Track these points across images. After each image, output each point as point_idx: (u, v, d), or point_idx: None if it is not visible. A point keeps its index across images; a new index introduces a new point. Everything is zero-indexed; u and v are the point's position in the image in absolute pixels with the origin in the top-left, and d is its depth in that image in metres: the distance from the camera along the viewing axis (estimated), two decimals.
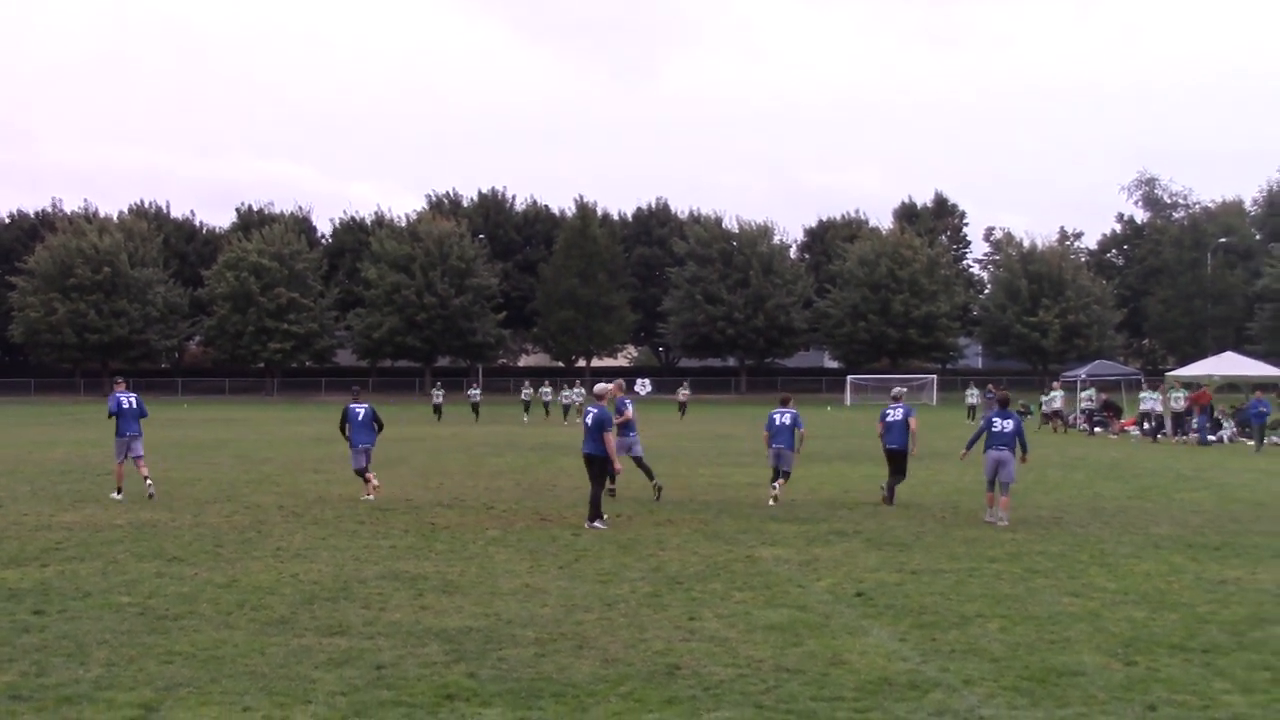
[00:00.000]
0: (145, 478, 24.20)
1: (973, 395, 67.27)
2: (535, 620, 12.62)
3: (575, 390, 62.19)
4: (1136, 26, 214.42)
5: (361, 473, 24.56)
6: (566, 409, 59.88)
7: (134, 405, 24.75)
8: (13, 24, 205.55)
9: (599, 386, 21.40)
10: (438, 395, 63.70)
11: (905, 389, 26.28)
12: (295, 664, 10.77)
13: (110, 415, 24.71)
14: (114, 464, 24.85)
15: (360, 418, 24.63)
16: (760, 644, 11.61)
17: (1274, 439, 43.54)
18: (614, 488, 23.45)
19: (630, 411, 24.73)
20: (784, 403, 24.89)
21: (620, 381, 22.29)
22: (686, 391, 72.31)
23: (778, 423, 24.13)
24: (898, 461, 24.08)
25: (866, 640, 11.83)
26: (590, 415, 20.21)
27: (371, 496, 24.13)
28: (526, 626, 12.31)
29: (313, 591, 14.16)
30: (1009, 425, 21.52)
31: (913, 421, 23.67)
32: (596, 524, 19.87)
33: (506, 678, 10.34)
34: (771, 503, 23.41)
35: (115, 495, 23.98)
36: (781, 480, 24.04)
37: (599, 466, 20.09)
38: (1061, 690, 10.06)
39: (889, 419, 23.90)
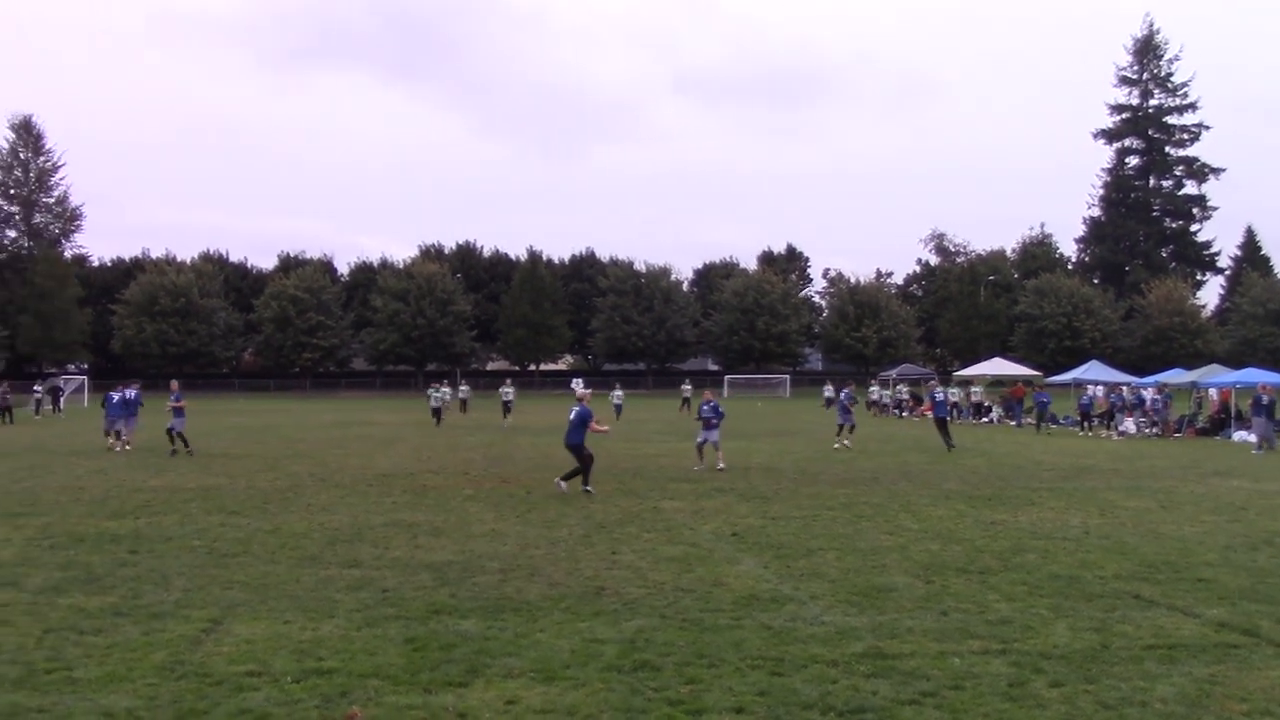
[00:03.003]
0: (126, 443, 28.48)
1: (828, 390, 65.49)
2: (499, 555, 12.56)
3: (447, 389, 47.48)
4: (930, 122, 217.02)
5: (117, 434, 28.22)
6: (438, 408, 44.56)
7: (132, 397, 29.17)
8: (104, 117, 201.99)
9: (580, 391, 20.62)
10: (437, 398, 45.66)
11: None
12: (323, 589, 10.67)
13: (102, 404, 29.55)
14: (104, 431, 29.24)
15: (115, 400, 29.00)
16: (663, 571, 11.61)
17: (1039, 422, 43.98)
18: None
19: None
20: (707, 401, 24.02)
21: (588, 391, 20.85)
22: (689, 388, 57.71)
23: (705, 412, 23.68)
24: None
25: (740, 568, 11.86)
26: (573, 412, 18.97)
27: (126, 449, 28.02)
28: (493, 560, 12.26)
29: (335, 536, 14.04)
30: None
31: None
32: (562, 484, 18.83)
33: (478, 597, 10.29)
34: (721, 467, 23.00)
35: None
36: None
37: (577, 452, 18.81)
38: (880, 602, 10.14)
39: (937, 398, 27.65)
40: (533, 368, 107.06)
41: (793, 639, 8.74)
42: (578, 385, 59.10)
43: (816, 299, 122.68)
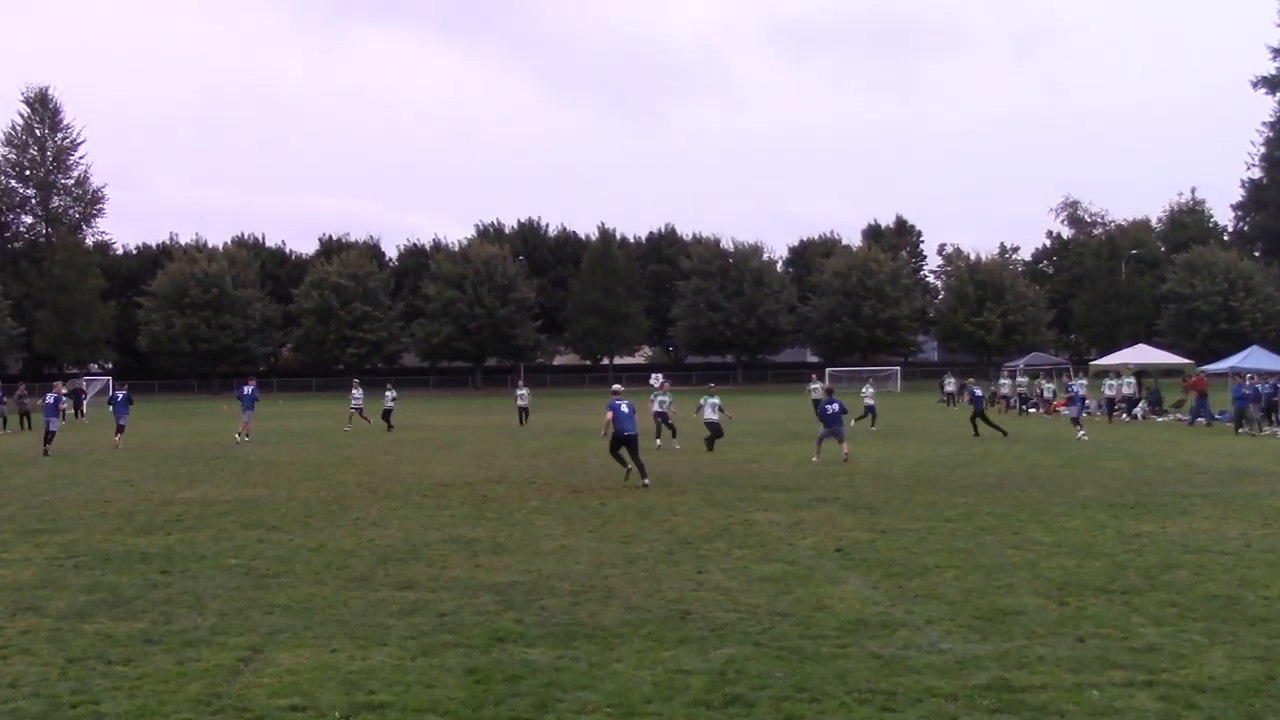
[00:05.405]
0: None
1: (950, 384, 63.62)
2: (570, 575, 12.65)
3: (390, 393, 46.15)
4: (1059, 75, 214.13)
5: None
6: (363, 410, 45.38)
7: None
8: (129, 88, 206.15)
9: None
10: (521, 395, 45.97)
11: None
12: (373, 613, 10.82)
13: (108, 403, 36.17)
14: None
15: (246, 393, 36.76)
16: (757, 592, 11.61)
17: (1178, 415, 43.37)
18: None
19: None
20: (829, 393, 28.15)
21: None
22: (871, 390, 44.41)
23: (830, 411, 26.48)
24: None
25: (845, 588, 11.82)
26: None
27: (246, 439, 34.54)
28: (563, 580, 12.34)
29: (386, 553, 14.22)
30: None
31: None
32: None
33: (547, 623, 10.37)
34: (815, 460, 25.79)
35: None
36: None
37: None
38: (1007, 627, 10.05)
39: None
40: (605, 361, 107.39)
41: (906, 669, 8.70)
42: (656, 379, 58.90)
43: (931, 279, 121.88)
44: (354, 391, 46.38)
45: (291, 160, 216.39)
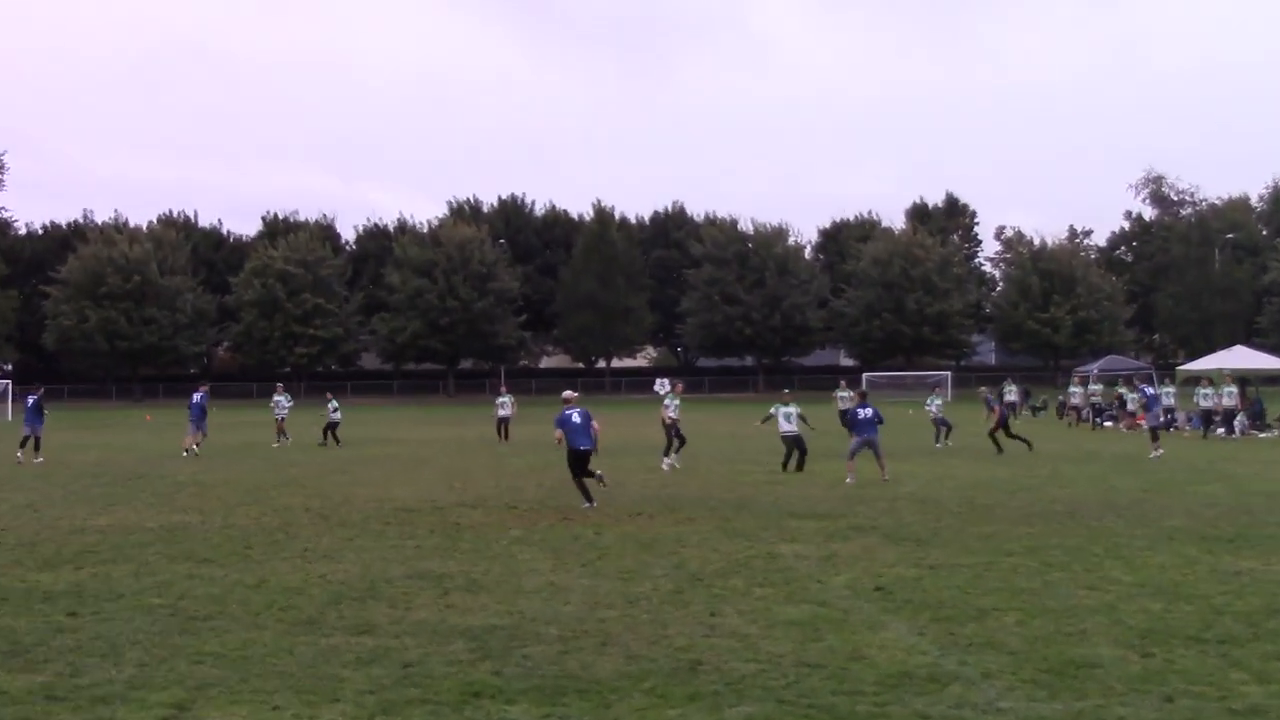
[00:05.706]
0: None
1: (1011, 392, 62.36)
2: (559, 618, 12.59)
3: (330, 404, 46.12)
4: (1138, 28, 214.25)
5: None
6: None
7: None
8: (36, 39, 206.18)
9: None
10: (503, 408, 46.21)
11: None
12: (323, 663, 10.76)
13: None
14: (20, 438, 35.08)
15: (195, 401, 37.87)
16: (781, 639, 11.56)
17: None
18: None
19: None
20: (863, 398, 29.53)
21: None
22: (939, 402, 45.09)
23: (861, 416, 27.31)
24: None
25: (885, 634, 11.77)
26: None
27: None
28: (550, 624, 12.29)
29: (340, 592, 14.17)
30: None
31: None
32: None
33: (531, 675, 10.31)
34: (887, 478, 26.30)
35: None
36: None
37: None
38: (1079, 682, 9.99)
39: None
40: (601, 364, 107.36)
41: None
42: (662, 386, 58.79)
43: (988, 268, 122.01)
44: (277, 397, 45.93)
45: (230, 126, 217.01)
